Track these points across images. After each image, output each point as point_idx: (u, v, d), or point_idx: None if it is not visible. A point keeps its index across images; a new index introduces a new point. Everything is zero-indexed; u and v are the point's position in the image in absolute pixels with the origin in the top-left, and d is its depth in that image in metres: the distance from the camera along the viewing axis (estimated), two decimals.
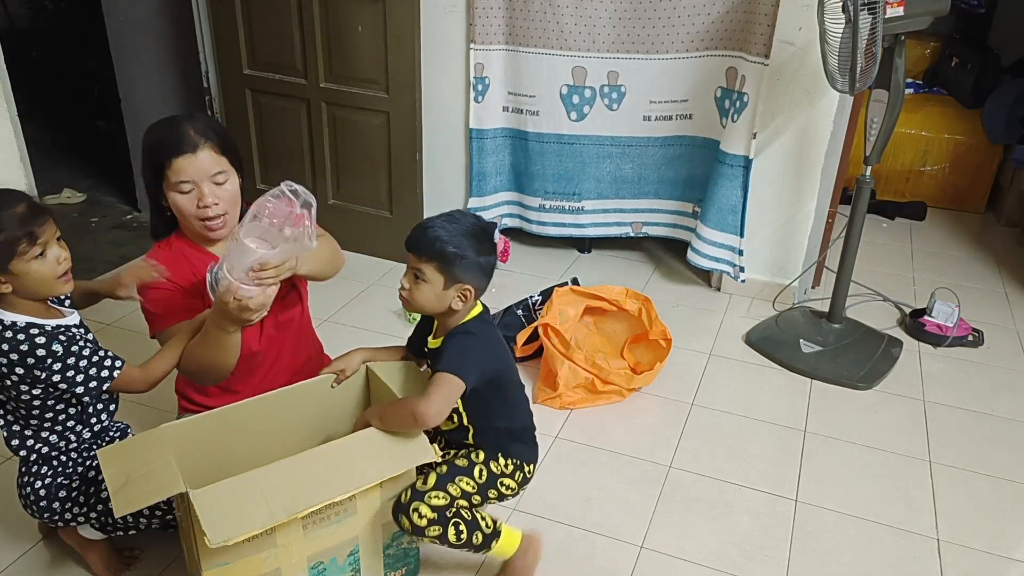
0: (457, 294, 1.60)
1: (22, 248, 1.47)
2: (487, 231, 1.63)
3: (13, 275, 1.49)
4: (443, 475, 1.63)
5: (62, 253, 1.54)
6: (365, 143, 3.15)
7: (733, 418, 2.39)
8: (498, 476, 1.70)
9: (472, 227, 1.61)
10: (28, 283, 1.51)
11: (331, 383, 1.78)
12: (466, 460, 1.68)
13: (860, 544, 1.93)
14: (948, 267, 3.43)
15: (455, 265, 1.57)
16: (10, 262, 1.48)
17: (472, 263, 1.59)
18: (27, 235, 1.47)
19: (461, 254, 1.57)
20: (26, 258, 1.48)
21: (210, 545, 1.34)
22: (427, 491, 1.59)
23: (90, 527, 1.73)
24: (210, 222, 1.72)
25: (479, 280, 1.62)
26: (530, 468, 1.75)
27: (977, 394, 2.53)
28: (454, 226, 1.60)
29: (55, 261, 1.52)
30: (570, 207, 3.23)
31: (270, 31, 3.13)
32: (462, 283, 1.59)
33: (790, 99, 2.75)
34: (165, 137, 1.68)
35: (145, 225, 3.65)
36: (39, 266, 1.50)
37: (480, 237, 1.61)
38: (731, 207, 2.93)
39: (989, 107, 3.88)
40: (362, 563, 1.65)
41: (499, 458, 1.70)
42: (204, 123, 1.71)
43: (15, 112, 2.58)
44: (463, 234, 1.59)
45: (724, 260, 3.02)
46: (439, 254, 1.57)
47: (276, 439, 1.73)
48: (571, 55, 2.97)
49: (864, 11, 2.14)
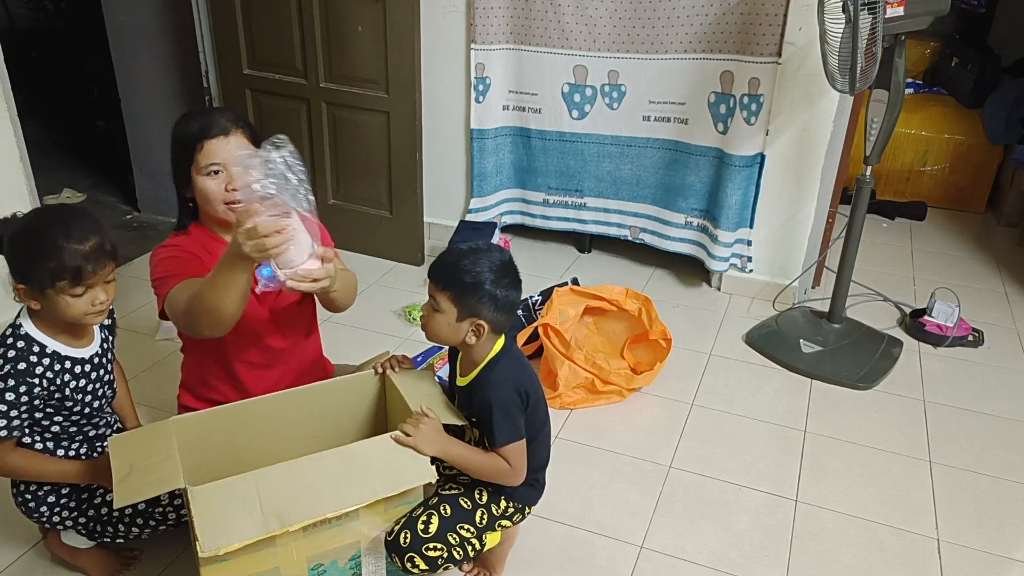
0: (471, 328, 1.55)
1: (62, 284, 1.47)
2: (509, 265, 1.57)
3: (45, 298, 1.50)
4: (446, 519, 1.59)
5: (102, 296, 1.53)
6: (365, 143, 3.15)
7: (733, 418, 2.39)
8: (498, 518, 1.68)
9: (494, 260, 1.55)
10: (55, 311, 1.52)
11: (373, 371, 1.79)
12: (469, 501, 1.64)
13: (860, 544, 1.93)
14: (948, 267, 3.43)
15: (469, 297, 1.52)
16: (48, 289, 1.48)
17: (487, 297, 1.53)
18: (75, 274, 1.47)
19: (475, 286, 1.52)
20: (65, 293, 1.49)
21: (201, 553, 1.35)
22: (426, 541, 1.55)
23: (75, 533, 1.72)
24: (235, 205, 1.71)
25: (495, 316, 1.55)
26: (530, 509, 1.74)
27: (977, 394, 2.53)
28: (474, 257, 1.54)
29: (90, 302, 1.52)
30: (573, 202, 3.25)
31: (270, 31, 3.13)
32: (476, 317, 1.54)
33: (790, 99, 2.75)
34: (199, 121, 1.73)
35: (145, 225, 3.67)
36: (72, 301, 1.50)
37: (501, 271, 1.55)
38: (744, 204, 2.94)
39: (989, 107, 3.88)
40: (363, 567, 1.65)
41: (501, 501, 1.68)
42: (235, 113, 1.77)
43: (15, 112, 2.59)
44: (482, 267, 1.53)
45: (737, 255, 3.03)
46: (454, 284, 1.53)
47: (283, 439, 1.72)
48: (572, 54, 2.98)
49: (864, 11, 2.14)
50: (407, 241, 3.20)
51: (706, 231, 3.06)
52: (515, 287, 1.58)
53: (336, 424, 1.80)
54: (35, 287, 1.49)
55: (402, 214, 3.20)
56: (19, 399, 1.52)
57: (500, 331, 1.60)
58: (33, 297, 1.51)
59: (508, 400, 1.57)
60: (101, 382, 1.66)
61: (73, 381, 1.58)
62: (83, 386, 1.61)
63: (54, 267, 1.46)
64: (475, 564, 1.80)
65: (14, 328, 1.56)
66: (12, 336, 1.55)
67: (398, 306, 2.92)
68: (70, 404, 1.60)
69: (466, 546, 1.62)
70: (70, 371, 1.58)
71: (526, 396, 1.60)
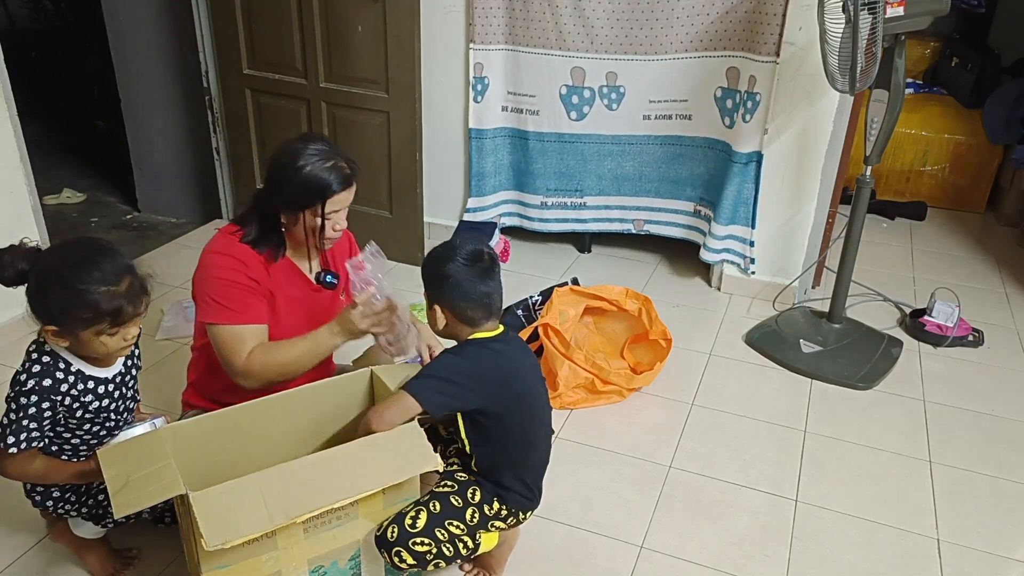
0: (437, 315, 1.64)
1: (101, 328, 1.46)
2: (477, 256, 1.61)
3: (75, 338, 1.48)
4: (434, 515, 1.59)
5: (134, 331, 1.53)
6: (365, 143, 3.14)
7: (733, 418, 2.39)
8: (490, 519, 1.68)
9: (464, 252, 1.61)
10: (85, 350, 1.51)
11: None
12: (460, 499, 1.64)
13: (860, 544, 1.93)
14: (948, 267, 3.43)
15: (427, 285, 1.64)
16: (82, 332, 1.46)
17: (446, 284, 1.60)
18: (113, 319, 1.45)
19: (436, 275, 1.62)
20: (100, 336, 1.48)
21: (206, 548, 1.34)
22: (413, 535, 1.56)
23: (82, 520, 1.73)
24: (330, 240, 1.80)
25: (451, 301, 1.61)
26: (526, 514, 1.74)
27: (977, 394, 2.53)
28: (444, 248, 1.64)
29: (122, 339, 1.51)
30: (572, 203, 3.24)
31: (270, 31, 3.13)
32: (436, 303, 1.63)
33: (790, 99, 2.75)
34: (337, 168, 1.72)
35: (145, 225, 3.67)
36: (106, 341, 1.49)
37: (467, 260, 1.60)
38: (743, 200, 2.94)
39: (989, 107, 3.88)
40: (363, 568, 1.64)
41: (494, 503, 1.67)
42: (348, 155, 1.78)
43: (15, 112, 2.58)
44: (448, 256, 1.61)
45: (734, 251, 3.03)
46: (423, 273, 1.65)
47: (276, 442, 1.72)
48: (570, 56, 2.97)
49: (864, 11, 2.14)
50: (407, 241, 3.19)
51: (709, 220, 3.08)
52: (481, 277, 1.61)
53: (328, 424, 1.80)
54: (67, 331, 1.47)
55: (402, 214, 3.20)
56: (42, 414, 1.51)
57: (466, 320, 1.63)
58: (64, 338, 1.48)
59: (449, 367, 1.61)
60: (124, 399, 1.66)
61: (96, 401, 1.58)
62: (105, 405, 1.60)
63: (91, 316, 1.44)
64: (475, 565, 1.80)
65: (38, 345, 1.55)
66: (37, 351, 1.53)
67: None
68: (87, 423, 1.60)
69: (456, 543, 1.61)
70: (93, 391, 1.57)
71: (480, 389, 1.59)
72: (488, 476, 1.67)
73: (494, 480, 1.67)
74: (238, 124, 3.35)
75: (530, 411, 1.68)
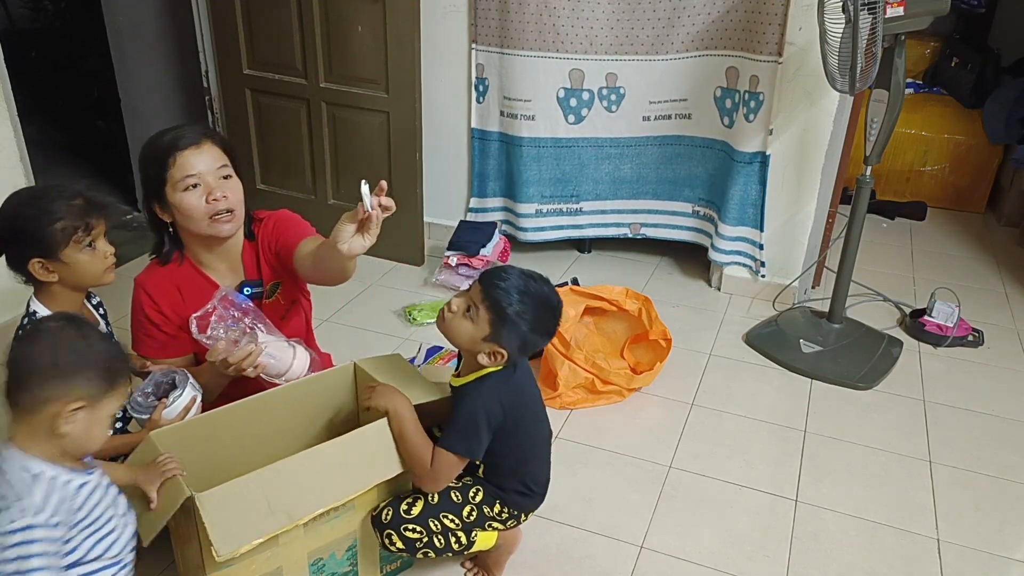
0: (491, 351, 1.54)
1: (77, 237, 1.56)
2: (556, 312, 1.57)
3: (63, 263, 1.57)
4: (431, 506, 1.60)
5: (109, 248, 1.63)
6: (365, 143, 3.14)
7: (733, 418, 2.39)
8: (488, 519, 1.68)
9: (546, 302, 1.55)
10: (76, 273, 1.60)
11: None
12: (460, 496, 1.65)
13: (860, 544, 1.93)
14: (948, 267, 3.43)
15: (507, 328, 1.51)
16: (63, 250, 1.56)
17: (521, 335, 1.53)
18: (83, 225, 1.57)
19: (517, 323, 1.51)
20: (79, 247, 1.57)
21: (217, 558, 1.35)
22: (406, 521, 1.57)
23: None
24: (219, 216, 1.71)
25: (517, 353, 1.56)
26: (526, 516, 1.74)
27: (977, 394, 2.53)
28: (532, 291, 1.53)
29: (103, 255, 1.61)
30: (568, 209, 3.22)
31: (270, 31, 3.13)
32: (500, 345, 1.53)
33: (790, 99, 2.75)
34: (167, 137, 1.69)
35: (144, 225, 3.65)
36: (89, 256, 1.60)
37: (546, 315, 1.55)
38: (751, 201, 2.93)
39: (989, 107, 3.88)
40: (359, 557, 1.66)
41: (495, 505, 1.67)
42: (203, 125, 1.76)
43: (15, 112, 2.58)
44: (534, 304, 1.53)
45: (744, 253, 3.02)
46: (501, 310, 1.51)
47: (267, 439, 1.72)
48: (568, 58, 2.95)
49: (864, 11, 2.14)
50: (407, 241, 3.19)
51: (712, 221, 3.07)
52: (549, 335, 1.59)
53: (316, 418, 1.81)
54: (51, 254, 1.55)
55: (402, 214, 3.19)
56: None
57: (514, 365, 1.60)
58: (52, 265, 1.57)
59: (476, 416, 1.57)
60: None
61: None
62: None
63: (65, 225, 1.54)
64: (475, 565, 1.80)
65: (29, 316, 1.62)
66: (30, 322, 1.60)
67: (398, 306, 2.92)
68: None
69: (449, 537, 1.62)
70: None
71: (501, 420, 1.58)
72: (492, 480, 1.68)
73: (497, 484, 1.67)
74: (238, 124, 3.35)
75: (533, 417, 1.69)
